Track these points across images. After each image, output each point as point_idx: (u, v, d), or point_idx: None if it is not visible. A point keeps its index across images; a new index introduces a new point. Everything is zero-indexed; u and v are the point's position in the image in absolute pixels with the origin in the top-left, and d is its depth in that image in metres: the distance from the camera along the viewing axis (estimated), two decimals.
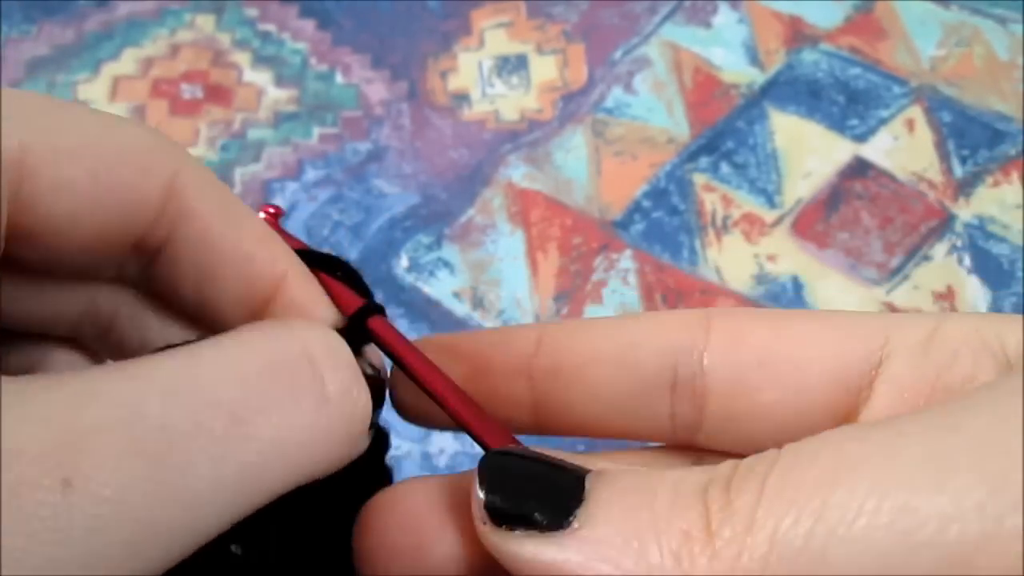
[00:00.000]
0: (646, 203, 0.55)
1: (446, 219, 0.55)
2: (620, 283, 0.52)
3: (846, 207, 0.54)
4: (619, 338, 0.25)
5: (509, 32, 0.62)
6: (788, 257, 0.52)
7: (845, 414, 0.24)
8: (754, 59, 0.60)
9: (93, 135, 0.23)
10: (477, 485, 0.21)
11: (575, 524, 0.20)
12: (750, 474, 0.20)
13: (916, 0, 0.62)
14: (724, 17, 0.62)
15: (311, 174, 0.57)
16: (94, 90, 0.60)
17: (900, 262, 0.52)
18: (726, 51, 0.60)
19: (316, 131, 0.58)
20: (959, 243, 0.53)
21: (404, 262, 0.53)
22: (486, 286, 0.52)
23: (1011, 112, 0.57)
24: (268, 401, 0.21)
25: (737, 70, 0.59)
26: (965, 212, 0.54)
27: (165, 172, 0.23)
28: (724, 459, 0.21)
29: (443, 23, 0.62)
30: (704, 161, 0.56)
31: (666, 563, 0.20)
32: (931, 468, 0.19)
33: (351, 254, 0.54)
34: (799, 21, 0.61)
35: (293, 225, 0.55)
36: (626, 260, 0.53)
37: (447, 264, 0.53)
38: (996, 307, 0.50)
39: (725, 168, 0.56)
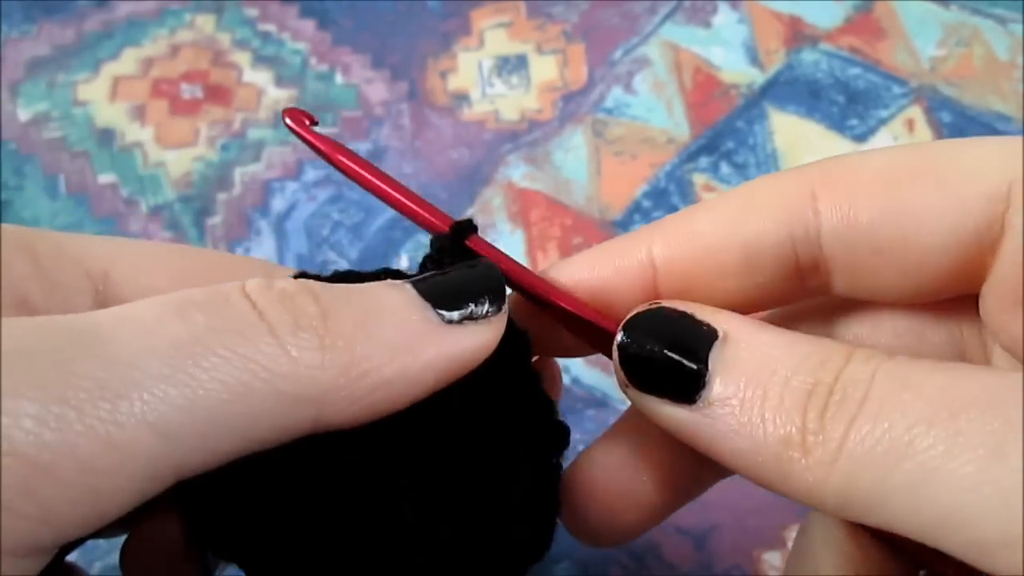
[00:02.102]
0: (646, 203, 0.55)
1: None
2: None
3: None
4: (734, 237, 0.27)
5: (509, 32, 0.62)
6: None
7: (969, 276, 0.25)
8: (754, 59, 0.60)
9: (171, 251, 0.27)
10: (618, 359, 0.25)
11: (700, 403, 0.24)
12: (843, 401, 0.23)
13: (916, 0, 0.62)
14: (724, 17, 0.62)
15: (311, 174, 0.57)
16: (94, 90, 0.60)
17: None
18: (726, 51, 0.60)
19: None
20: None
21: (404, 262, 0.53)
22: None
23: (1011, 112, 0.57)
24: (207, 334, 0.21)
25: (737, 70, 0.59)
26: None
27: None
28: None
29: (443, 23, 0.62)
30: (704, 161, 0.56)
31: (774, 452, 0.23)
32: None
33: (351, 254, 0.54)
34: (799, 21, 0.61)
35: (293, 225, 0.55)
36: None
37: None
38: None
39: (725, 168, 0.56)
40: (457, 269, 0.26)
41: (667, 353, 0.25)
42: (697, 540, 0.45)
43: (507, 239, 0.54)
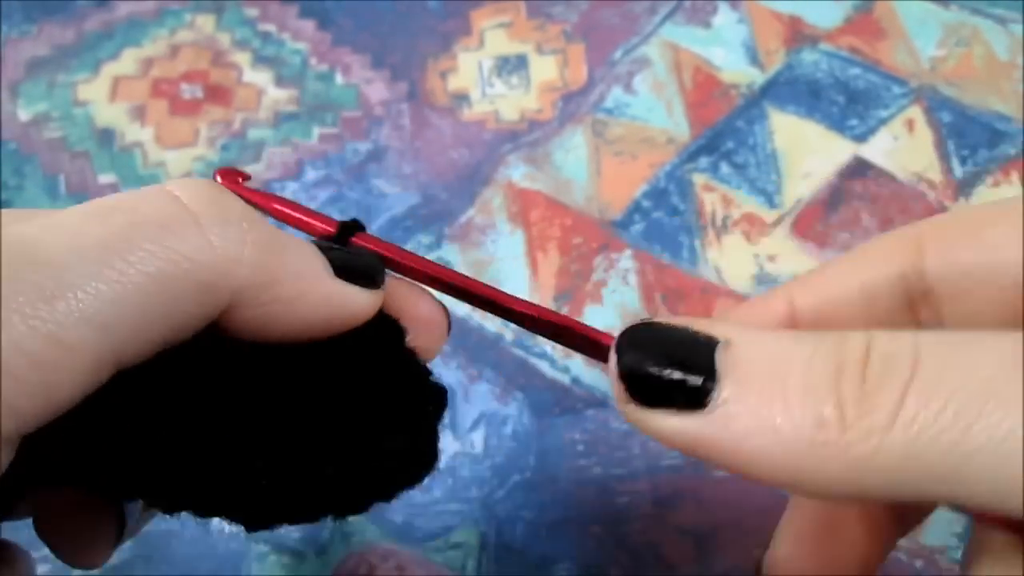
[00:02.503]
0: (646, 203, 0.55)
1: (446, 219, 0.55)
2: (620, 283, 0.52)
3: (846, 207, 0.54)
4: (854, 279, 0.28)
5: (509, 32, 0.62)
6: (788, 257, 0.52)
7: None
8: (754, 59, 0.60)
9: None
10: (616, 372, 0.24)
11: (711, 404, 0.23)
12: (888, 370, 0.21)
13: (916, 0, 0.62)
14: (724, 17, 0.62)
15: (311, 174, 0.57)
16: (94, 90, 0.60)
17: None
18: (726, 51, 0.60)
19: (316, 131, 0.58)
20: None
21: None
22: None
23: (1011, 112, 0.57)
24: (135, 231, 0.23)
25: (737, 70, 0.59)
26: None
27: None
28: None
29: (443, 23, 0.63)
30: (704, 161, 0.56)
31: (800, 448, 0.22)
32: None
33: None
34: (799, 21, 0.61)
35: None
36: (626, 260, 0.53)
37: (447, 264, 0.53)
38: None
39: (725, 168, 0.56)
40: (343, 250, 0.29)
41: (669, 366, 0.24)
42: (697, 540, 0.45)
43: (507, 239, 0.54)
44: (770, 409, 0.22)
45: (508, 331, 0.50)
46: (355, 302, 0.27)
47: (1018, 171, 0.55)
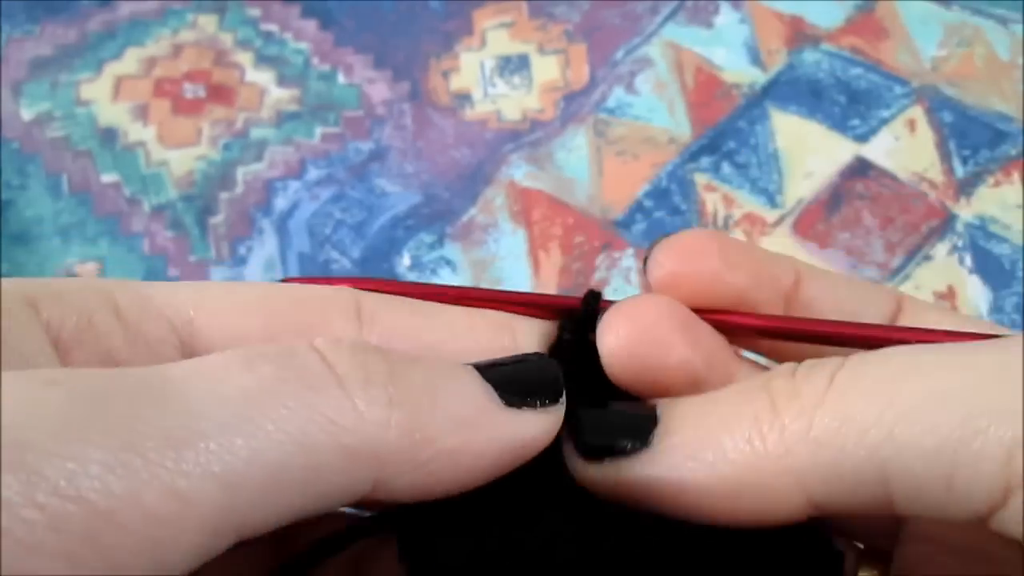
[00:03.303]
0: (648, 203, 0.55)
1: (448, 218, 0.55)
2: (623, 282, 0.52)
3: (847, 207, 0.54)
4: (853, 299, 0.28)
5: (511, 32, 0.62)
6: None
7: None
8: (755, 59, 0.60)
9: (257, 295, 0.27)
10: (567, 432, 0.24)
11: (655, 441, 0.23)
12: (814, 370, 0.22)
13: (917, 0, 0.62)
14: (725, 17, 0.62)
15: (313, 173, 0.57)
16: (97, 90, 0.60)
17: (901, 262, 0.52)
18: (727, 51, 0.60)
19: (318, 131, 0.58)
20: (960, 243, 0.53)
21: (406, 261, 0.53)
22: (488, 284, 0.52)
23: (1012, 112, 0.57)
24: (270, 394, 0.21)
25: (738, 70, 0.60)
26: (966, 212, 0.54)
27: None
28: None
29: (445, 23, 0.63)
30: (705, 161, 0.56)
31: (740, 447, 0.22)
32: (1000, 376, 0.20)
33: (353, 253, 0.54)
34: (800, 21, 0.61)
35: (295, 224, 0.55)
36: (628, 259, 0.53)
37: (449, 263, 0.53)
38: (997, 307, 0.50)
39: (726, 168, 0.56)
40: (511, 362, 0.25)
41: (618, 435, 0.24)
42: None
43: (509, 239, 0.54)
44: (706, 424, 0.22)
45: None
46: (529, 433, 0.23)
47: (1019, 171, 0.55)
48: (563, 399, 0.24)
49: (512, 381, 0.24)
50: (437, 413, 0.23)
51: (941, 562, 0.26)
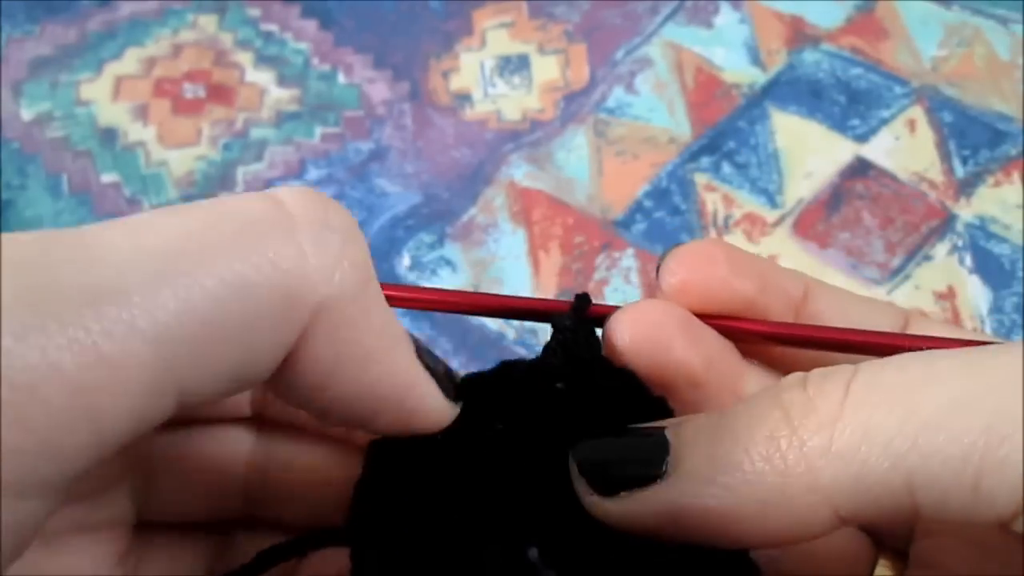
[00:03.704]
0: (648, 203, 0.55)
1: (448, 218, 0.55)
2: (622, 281, 0.52)
3: (847, 207, 0.54)
4: (859, 313, 0.28)
5: (511, 32, 0.62)
6: (789, 257, 0.52)
7: None
8: (755, 59, 0.60)
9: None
10: (575, 469, 0.24)
11: (668, 469, 0.22)
12: (827, 380, 0.22)
13: (917, 0, 0.62)
14: (725, 17, 0.62)
15: (313, 173, 0.57)
16: (97, 90, 0.60)
17: (901, 262, 0.52)
18: (727, 51, 0.60)
19: (318, 131, 0.58)
20: (960, 243, 0.53)
21: (406, 261, 0.53)
22: (488, 285, 0.52)
23: (1012, 112, 0.57)
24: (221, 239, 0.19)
25: (738, 70, 0.60)
26: (966, 212, 0.54)
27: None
28: None
29: (445, 23, 0.63)
30: (705, 161, 0.56)
31: (759, 467, 0.21)
32: (1019, 380, 0.20)
33: None
34: (800, 21, 0.61)
35: None
36: (628, 259, 0.53)
37: (449, 263, 0.53)
38: (997, 307, 0.50)
39: (726, 168, 0.56)
40: (435, 358, 0.25)
41: (626, 464, 0.23)
42: None
43: (509, 238, 0.54)
44: (720, 447, 0.22)
45: (510, 329, 0.50)
46: (430, 404, 0.23)
47: (1019, 171, 0.55)
48: (459, 405, 0.24)
49: (424, 355, 0.24)
50: (376, 302, 0.22)
51: (960, 555, 0.26)
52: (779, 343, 0.28)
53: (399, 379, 0.22)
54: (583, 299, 0.27)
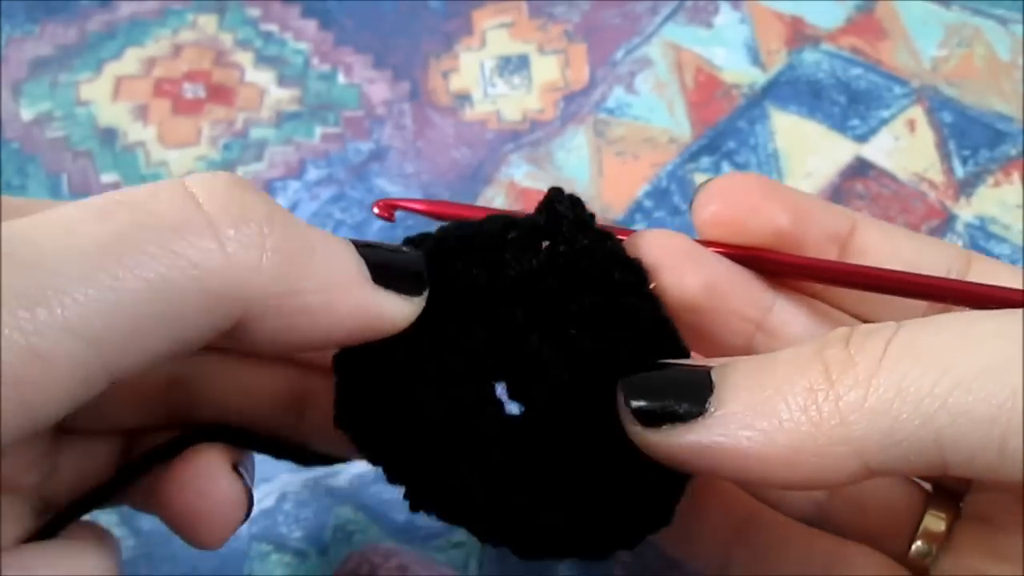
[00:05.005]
0: (648, 203, 0.55)
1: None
2: None
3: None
4: (912, 251, 0.29)
5: (511, 32, 0.62)
6: None
7: None
8: (755, 59, 0.60)
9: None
10: (623, 397, 0.25)
11: (711, 408, 0.23)
12: (868, 338, 0.23)
13: (917, 0, 0.62)
14: (725, 17, 0.62)
15: (313, 173, 0.57)
16: (96, 90, 0.60)
17: None
18: (727, 51, 0.60)
19: (318, 131, 0.58)
20: (960, 243, 0.53)
21: None
22: None
23: (1012, 112, 0.57)
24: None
25: (738, 70, 0.60)
26: (966, 212, 0.54)
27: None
28: None
29: (445, 23, 0.63)
30: (706, 161, 0.56)
31: (795, 417, 0.22)
32: None
33: None
34: (800, 21, 0.62)
35: None
36: None
37: None
38: None
39: (727, 168, 0.56)
40: (386, 248, 0.26)
41: (672, 398, 0.24)
42: None
43: None
44: (763, 394, 0.23)
45: None
46: (390, 313, 0.25)
47: (1019, 171, 0.55)
48: (425, 293, 0.26)
49: (384, 264, 0.25)
50: (310, 268, 0.23)
51: (1014, 512, 0.26)
52: (808, 278, 0.28)
53: (353, 314, 0.24)
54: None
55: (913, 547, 0.29)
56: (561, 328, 0.27)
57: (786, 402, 0.22)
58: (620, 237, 0.28)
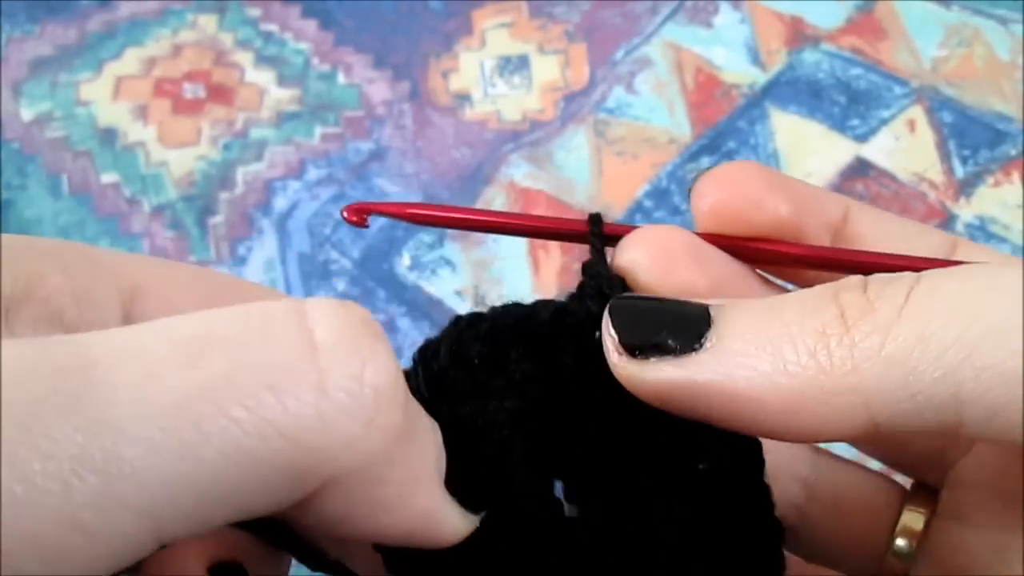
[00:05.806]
0: (648, 203, 0.55)
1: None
2: None
3: None
4: (906, 238, 0.27)
5: (511, 32, 0.62)
6: None
7: None
8: (755, 59, 0.60)
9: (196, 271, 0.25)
10: (609, 324, 0.22)
11: (707, 344, 0.21)
12: (889, 285, 0.21)
13: (917, 0, 0.62)
14: (725, 17, 0.62)
15: (313, 173, 0.57)
16: (97, 90, 0.60)
17: None
18: (727, 51, 0.60)
19: (318, 131, 0.58)
20: None
21: (406, 261, 0.53)
22: (488, 284, 0.52)
23: (1012, 112, 0.57)
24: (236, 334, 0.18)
25: (738, 70, 0.60)
26: (966, 212, 0.54)
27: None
28: None
29: (445, 23, 0.63)
30: (705, 161, 0.56)
31: (802, 360, 0.20)
32: None
33: (353, 253, 0.54)
34: (800, 21, 0.61)
35: (295, 224, 0.55)
36: None
37: (449, 263, 0.53)
38: None
39: None
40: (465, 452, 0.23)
41: (663, 329, 0.22)
42: None
43: (509, 239, 0.54)
44: (766, 332, 0.21)
45: None
46: (448, 527, 0.21)
47: (1019, 171, 0.55)
48: (479, 518, 0.22)
49: (459, 471, 0.21)
50: (406, 457, 0.19)
51: (989, 508, 0.25)
52: (809, 266, 0.27)
53: (417, 519, 0.20)
54: (596, 218, 0.28)
55: (894, 545, 0.27)
56: (626, 430, 0.24)
57: (793, 343, 0.20)
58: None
